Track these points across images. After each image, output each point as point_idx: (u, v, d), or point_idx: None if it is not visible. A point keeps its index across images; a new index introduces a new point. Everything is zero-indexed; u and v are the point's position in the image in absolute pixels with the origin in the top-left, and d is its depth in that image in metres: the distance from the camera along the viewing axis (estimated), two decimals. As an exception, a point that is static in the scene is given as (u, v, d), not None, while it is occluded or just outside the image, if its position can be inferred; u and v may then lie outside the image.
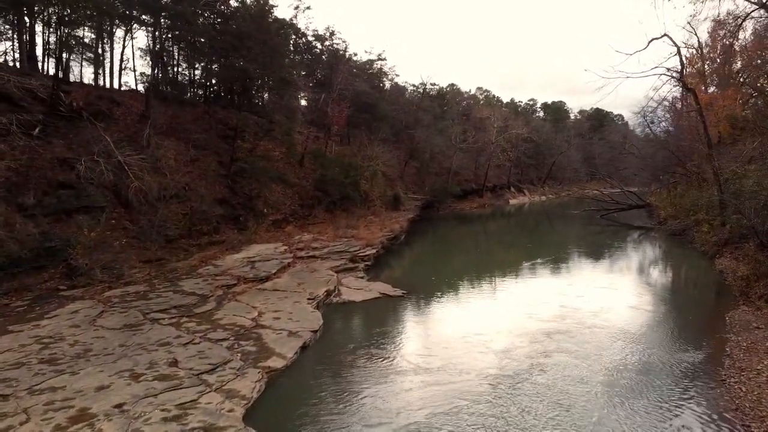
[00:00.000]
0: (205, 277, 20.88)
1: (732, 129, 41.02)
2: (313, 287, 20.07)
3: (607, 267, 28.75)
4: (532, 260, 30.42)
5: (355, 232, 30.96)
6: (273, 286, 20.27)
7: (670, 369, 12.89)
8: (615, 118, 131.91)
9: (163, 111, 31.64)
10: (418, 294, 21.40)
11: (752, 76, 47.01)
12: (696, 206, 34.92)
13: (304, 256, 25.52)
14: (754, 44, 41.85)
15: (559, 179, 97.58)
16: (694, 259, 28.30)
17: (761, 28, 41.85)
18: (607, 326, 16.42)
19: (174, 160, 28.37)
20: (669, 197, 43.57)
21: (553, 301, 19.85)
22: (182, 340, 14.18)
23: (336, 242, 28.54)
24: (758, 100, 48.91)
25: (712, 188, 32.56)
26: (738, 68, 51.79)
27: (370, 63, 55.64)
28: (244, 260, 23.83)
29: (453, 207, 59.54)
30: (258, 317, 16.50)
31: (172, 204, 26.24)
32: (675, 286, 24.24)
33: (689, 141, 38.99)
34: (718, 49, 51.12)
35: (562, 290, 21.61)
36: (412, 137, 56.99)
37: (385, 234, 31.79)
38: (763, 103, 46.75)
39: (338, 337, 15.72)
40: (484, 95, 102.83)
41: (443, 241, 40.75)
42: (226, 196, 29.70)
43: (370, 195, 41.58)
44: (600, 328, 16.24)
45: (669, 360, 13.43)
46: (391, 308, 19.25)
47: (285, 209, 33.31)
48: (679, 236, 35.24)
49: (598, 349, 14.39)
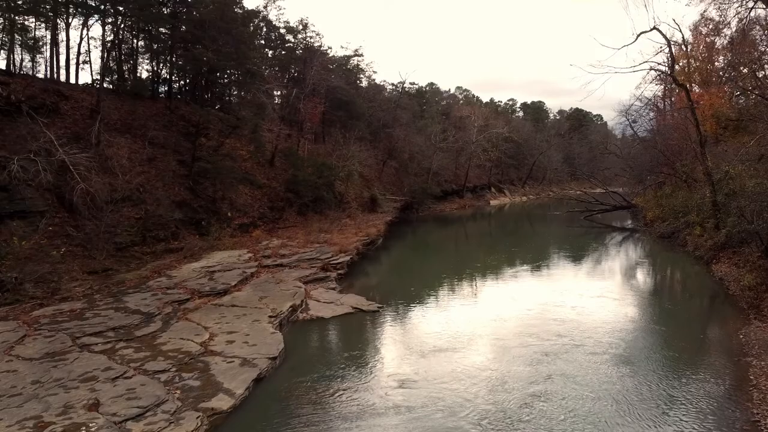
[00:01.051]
0: (154, 291, 18.48)
1: (717, 128, 39.99)
2: (277, 302, 17.82)
3: (597, 273, 26.99)
4: (517, 266, 28.58)
5: (329, 237, 28.75)
6: (231, 300, 17.97)
7: (691, 404, 10.98)
8: (594, 119, 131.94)
9: (119, 106, 29.11)
10: (395, 307, 19.32)
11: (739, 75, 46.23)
12: (686, 207, 33.46)
13: (271, 264, 23.22)
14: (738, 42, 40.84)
15: (540, 179, 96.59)
16: (689, 265, 26.68)
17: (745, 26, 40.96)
18: (610, 347, 14.49)
19: (128, 159, 25.88)
20: (655, 198, 42.19)
21: (544, 315, 17.90)
22: (112, 373, 11.84)
23: (307, 248, 26.30)
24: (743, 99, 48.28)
25: (704, 189, 31.07)
26: (721, 66, 51.19)
27: (346, 59, 53.50)
28: (203, 270, 21.45)
29: (433, 208, 57.66)
30: (208, 341, 14.21)
31: (124, 207, 23.75)
32: (675, 297, 22.29)
33: (678, 140, 37.60)
34: (701, 47, 50.31)
35: (553, 301, 19.68)
36: (391, 136, 54.94)
37: (360, 239, 29.62)
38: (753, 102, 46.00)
39: (301, 365, 13.50)
40: (463, 95, 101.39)
41: (423, 245, 38.78)
42: (187, 199, 27.26)
43: (346, 197, 39.40)
44: (602, 350, 14.30)
45: (688, 392, 11.51)
46: (364, 326, 17.12)
47: (253, 212, 30.95)
48: (668, 239, 33.75)
49: (604, 377, 12.42)
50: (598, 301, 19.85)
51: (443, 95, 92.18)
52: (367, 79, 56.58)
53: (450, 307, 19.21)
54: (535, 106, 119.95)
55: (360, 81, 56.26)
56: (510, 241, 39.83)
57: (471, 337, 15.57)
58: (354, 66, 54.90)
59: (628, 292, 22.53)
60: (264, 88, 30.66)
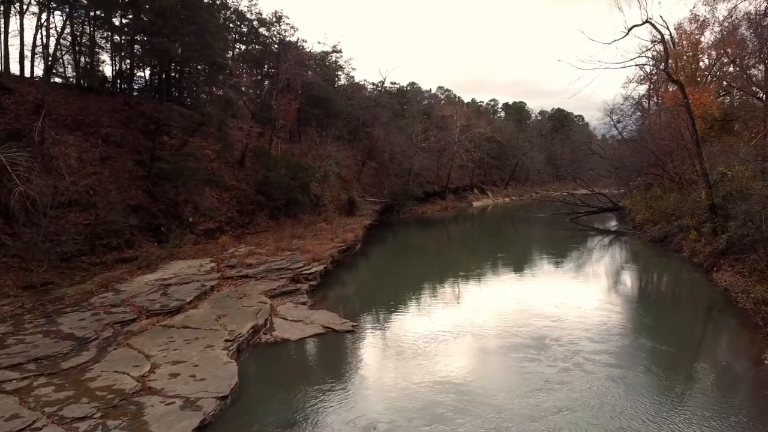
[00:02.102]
0: (96, 310, 16.12)
1: (705, 127, 38.74)
2: (237, 322, 15.61)
3: (589, 282, 25.19)
4: (503, 275, 26.76)
5: (302, 244, 26.54)
6: (184, 321, 15.69)
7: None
8: (576, 119, 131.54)
9: (70, 101, 26.55)
10: (372, 325, 17.28)
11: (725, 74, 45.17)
12: (678, 210, 32.00)
13: (235, 276, 20.95)
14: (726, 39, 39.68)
15: (522, 180, 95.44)
16: (687, 272, 25.05)
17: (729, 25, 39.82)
18: (622, 372, 12.65)
19: (77, 159, 23.37)
20: (644, 200, 40.76)
21: (539, 332, 15.99)
22: (17, 423, 9.56)
23: (277, 257, 24.05)
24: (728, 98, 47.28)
25: (698, 190, 29.62)
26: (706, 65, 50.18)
27: (324, 55, 51.31)
28: (157, 283, 19.11)
29: (414, 210, 55.74)
30: (148, 374, 11.97)
31: (71, 212, 21.34)
32: (678, 311, 20.24)
33: (668, 139, 36.19)
34: (686, 46, 49.22)
35: (547, 314, 17.79)
36: (370, 135, 52.83)
37: (336, 245, 27.45)
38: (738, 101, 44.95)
39: (257, 406, 11.32)
40: (445, 94, 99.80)
41: (404, 249, 36.76)
42: (144, 202, 24.84)
43: (322, 199, 37.19)
44: (613, 376, 12.44)
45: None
46: (335, 350, 14.99)
47: (219, 217, 28.60)
48: (660, 243, 32.26)
49: (624, 418, 10.53)
50: (600, 317, 17.92)
51: (424, 95, 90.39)
52: (346, 76, 54.46)
53: (434, 325, 17.11)
54: (517, 106, 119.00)
55: (338, 78, 54.13)
56: (494, 246, 38.02)
57: (462, 366, 13.55)
58: (332, 63, 52.76)
59: (624, 303, 20.73)
60: (231, 82, 28.36)
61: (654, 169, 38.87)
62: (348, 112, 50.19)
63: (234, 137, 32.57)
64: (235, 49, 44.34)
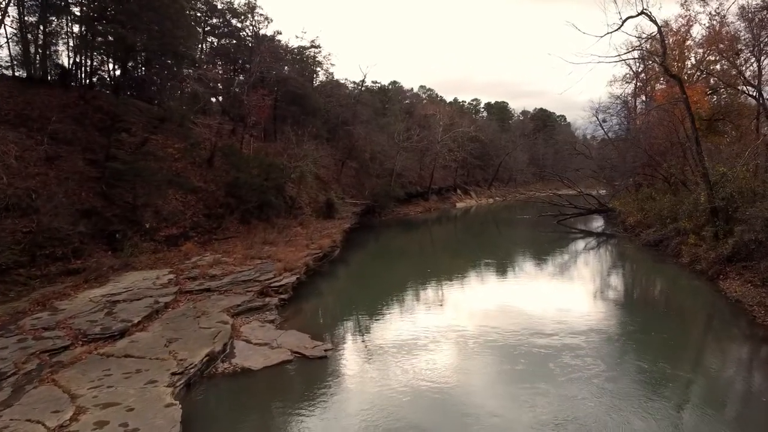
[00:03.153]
0: (24, 334, 13.72)
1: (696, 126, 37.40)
2: (190, 347, 13.36)
3: (587, 292, 23.33)
4: (494, 284, 24.85)
5: (274, 251, 24.28)
6: (128, 347, 13.37)
7: None
8: (558, 119, 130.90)
9: (14, 94, 23.95)
10: (349, 347, 15.14)
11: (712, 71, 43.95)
12: (674, 212, 30.45)
13: (196, 289, 18.63)
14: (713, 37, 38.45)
15: (506, 180, 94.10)
16: (689, 280, 23.30)
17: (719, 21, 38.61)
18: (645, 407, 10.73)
19: (17, 158, 20.80)
20: (636, 201, 39.21)
21: (537, 356, 14.06)
22: None
23: (245, 266, 21.76)
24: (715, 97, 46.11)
25: (696, 191, 28.08)
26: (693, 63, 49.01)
27: (301, 50, 48.98)
28: (103, 299, 16.72)
29: (397, 212, 53.73)
30: (69, 423, 9.69)
31: (8, 218, 18.79)
32: (689, 328, 18.10)
33: (662, 138, 34.69)
34: (672, 44, 48.02)
35: (546, 331, 15.85)
36: (350, 134, 50.63)
37: (311, 252, 25.24)
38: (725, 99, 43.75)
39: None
40: (427, 94, 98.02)
41: (386, 255, 34.68)
42: (97, 206, 22.31)
43: (299, 201, 34.90)
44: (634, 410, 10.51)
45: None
46: (304, 383, 12.77)
47: (184, 221, 26.17)
48: (654, 247, 30.66)
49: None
50: (604, 337, 16.07)
51: (406, 93, 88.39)
52: (325, 72, 52.14)
53: (421, 348, 15.07)
54: (500, 106, 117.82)
55: (317, 75, 51.85)
56: (480, 250, 36.14)
57: (455, 402, 11.51)
58: (310, 58, 50.42)
59: (628, 318, 18.74)
60: (197, 74, 25.96)
61: (646, 169, 37.36)
62: (327, 109, 47.97)
63: (202, 135, 30.15)
64: (207, 43, 41.85)
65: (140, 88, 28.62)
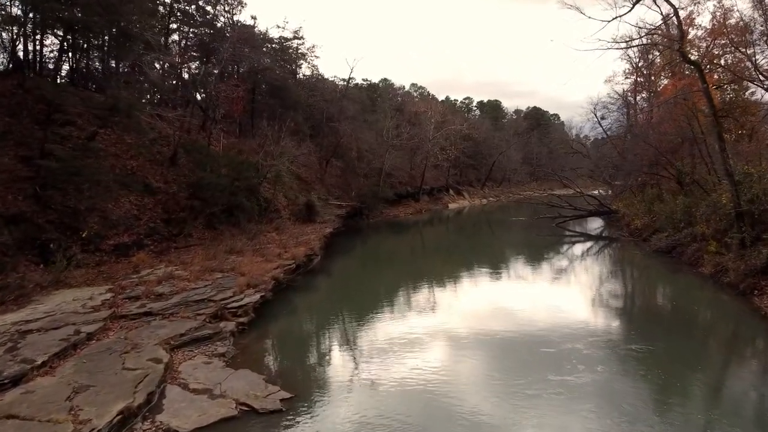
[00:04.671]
0: None
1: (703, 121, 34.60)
2: (101, 401, 10.13)
3: (602, 308, 20.28)
4: (490, 298, 21.71)
5: (239, 261, 21.05)
6: (15, 403, 10.07)
7: None
8: (552, 118, 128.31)
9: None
10: (317, 395, 11.91)
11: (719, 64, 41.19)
12: (689, 216, 27.56)
13: (134, 312, 15.37)
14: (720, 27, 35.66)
15: (499, 180, 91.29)
16: (714, 294, 20.25)
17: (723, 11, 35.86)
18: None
19: (-74, 155, 17.49)
20: (642, 203, 36.27)
21: (550, 401, 10.97)
22: None
23: (201, 281, 18.50)
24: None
25: (718, 193, 25.18)
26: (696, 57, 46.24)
27: (283, 41, 45.73)
28: (12, 328, 13.41)
29: (386, 213, 50.66)
30: None
31: None
32: (735, 362, 14.66)
33: (672, 134, 31.78)
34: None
35: (564, 365, 12.78)
36: (336, 131, 47.45)
37: (283, 262, 22.03)
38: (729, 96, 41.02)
39: None
40: (418, 92, 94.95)
41: (372, 261, 31.60)
42: (28, 211, 18.98)
43: (275, 204, 31.63)
44: None
45: None
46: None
47: (139, 228, 22.86)
48: (667, 254, 27.75)
49: None
50: (628, 364, 13.03)
51: (397, 91, 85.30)
52: (309, 65, 48.81)
53: (410, 387, 11.94)
54: (493, 104, 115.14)
55: (300, 68, 48.54)
56: (475, 256, 33.10)
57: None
58: (293, 50, 47.14)
59: (650, 344, 15.59)
60: (150, 57, 22.67)
61: (654, 168, 34.43)
62: (310, 104, 44.81)
63: (165, 129, 26.84)
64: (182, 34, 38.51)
65: (87, 75, 25.23)
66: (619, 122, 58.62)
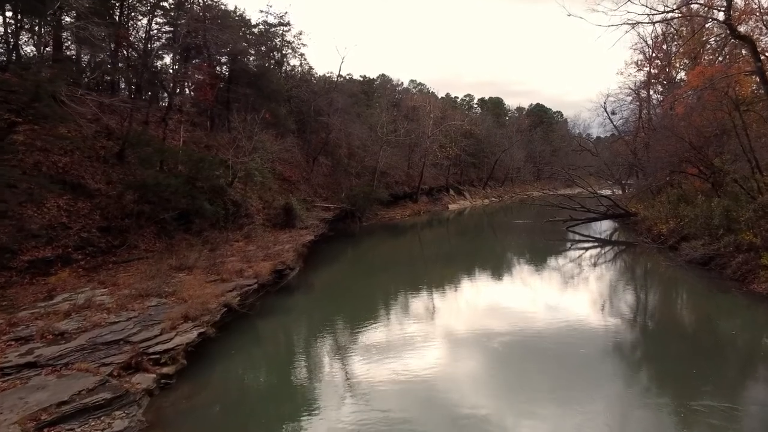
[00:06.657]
0: None
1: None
2: None
3: (635, 339, 16.20)
4: (501, 321, 17.41)
5: (186, 281, 16.81)
6: None
7: None
8: (554, 115, 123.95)
9: None
10: None
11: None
12: (729, 221, 23.33)
13: (11, 365, 11.14)
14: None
15: (502, 180, 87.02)
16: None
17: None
18: None
19: None
20: (667, 205, 31.92)
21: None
22: None
23: (126, 312, 14.24)
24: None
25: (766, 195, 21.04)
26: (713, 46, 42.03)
27: (267, 28, 41.58)
28: None
29: (381, 216, 46.55)
30: None
31: None
32: None
33: (708, 127, 27.55)
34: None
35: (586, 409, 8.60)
36: (325, 126, 43.19)
37: (242, 282, 17.76)
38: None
39: None
40: (417, 88, 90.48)
41: (361, 273, 27.53)
42: None
43: (247, 207, 27.38)
44: None
45: None
46: None
47: (67, 239, 18.59)
48: (704, 266, 23.56)
49: None
50: None
51: (395, 87, 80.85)
52: (295, 54, 44.49)
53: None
54: (494, 101, 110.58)
55: (286, 56, 44.24)
56: (482, 267, 28.95)
57: None
58: (279, 37, 42.94)
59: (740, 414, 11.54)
60: (73, 29, 18.40)
61: (683, 166, 30.17)
62: (295, 95, 40.57)
63: (109, 120, 22.62)
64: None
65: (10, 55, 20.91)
66: (630, 118, 54.79)
